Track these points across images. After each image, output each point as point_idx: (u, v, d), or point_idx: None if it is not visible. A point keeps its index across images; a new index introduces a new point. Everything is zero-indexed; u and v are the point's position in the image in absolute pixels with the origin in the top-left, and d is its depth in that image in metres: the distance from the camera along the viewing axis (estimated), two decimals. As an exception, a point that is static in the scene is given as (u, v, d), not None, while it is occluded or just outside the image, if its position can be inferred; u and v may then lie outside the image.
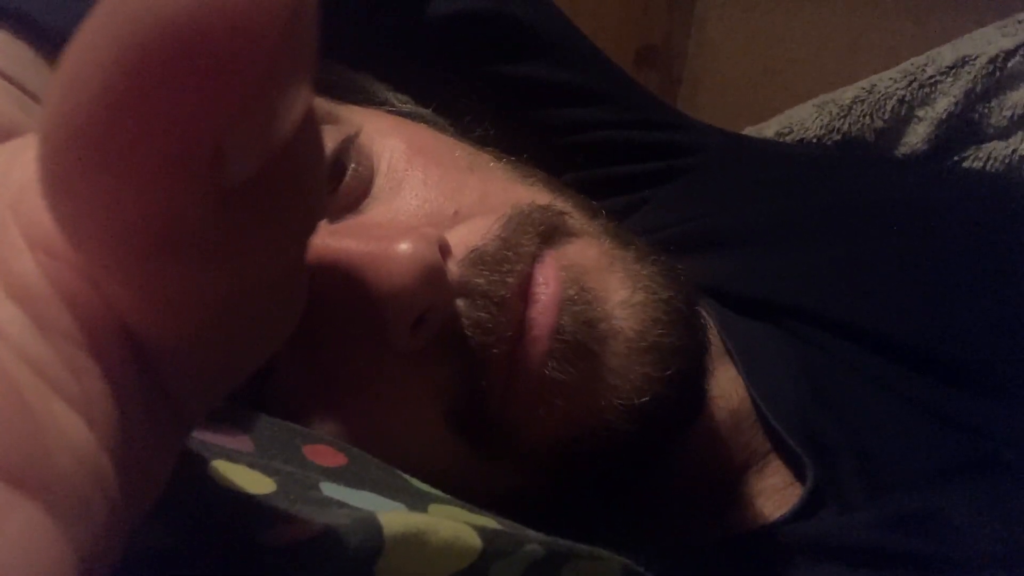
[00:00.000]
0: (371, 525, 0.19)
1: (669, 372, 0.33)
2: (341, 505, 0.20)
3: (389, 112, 0.41)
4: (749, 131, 0.70)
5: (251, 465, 0.23)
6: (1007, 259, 0.44)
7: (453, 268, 0.32)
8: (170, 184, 0.13)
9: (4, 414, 0.13)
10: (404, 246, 0.30)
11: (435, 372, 0.32)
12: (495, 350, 0.31)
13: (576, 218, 0.37)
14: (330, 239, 0.32)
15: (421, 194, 0.35)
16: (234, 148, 0.13)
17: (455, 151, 0.39)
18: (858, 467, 0.38)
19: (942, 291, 0.43)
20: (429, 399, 0.32)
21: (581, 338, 0.32)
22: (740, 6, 1.02)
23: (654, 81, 0.96)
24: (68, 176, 0.13)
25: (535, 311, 0.32)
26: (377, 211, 0.35)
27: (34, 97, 0.32)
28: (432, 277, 0.30)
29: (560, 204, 0.37)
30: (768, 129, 0.68)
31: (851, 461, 0.38)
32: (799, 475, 0.38)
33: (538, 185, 0.38)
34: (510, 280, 0.32)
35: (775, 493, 0.39)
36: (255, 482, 0.22)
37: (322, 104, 0.38)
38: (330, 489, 0.23)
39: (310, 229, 0.16)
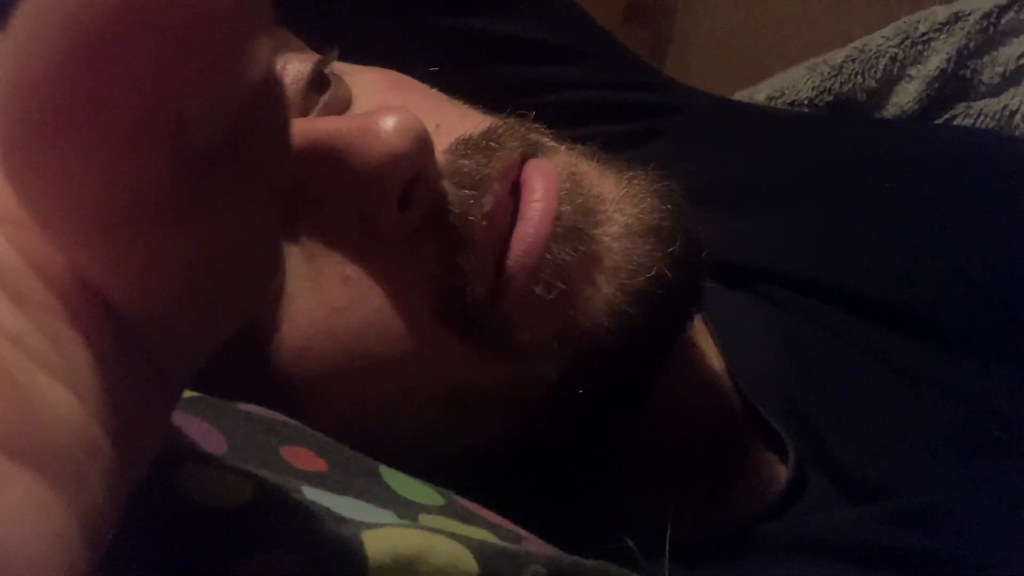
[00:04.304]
0: (354, 554, 0.17)
1: (671, 250, 0.33)
2: (327, 511, 0.19)
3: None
4: (741, 95, 0.68)
5: (225, 468, 0.21)
6: (999, 218, 0.43)
7: (439, 155, 0.31)
8: (131, 154, 0.13)
9: None
10: (389, 117, 0.29)
11: (421, 257, 0.31)
12: (478, 227, 0.31)
13: (557, 141, 0.36)
14: (311, 123, 0.31)
15: None
16: (195, 114, 0.13)
17: (431, 89, 0.38)
18: (849, 437, 0.37)
19: (932, 253, 0.42)
20: (416, 286, 0.31)
21: (581, 225, 0.32)
22: None
23: (643, 39, 0.94)
24: (24, 149, 0.13)
25: (534, 198, 0.31)
26: None
27: None
28: (418, 143, 0.30)
29: (541, 128, 0.36)
30: (759, 93, 0.67)
31: (840, 431, 0.37)
32: (783, 452, 0.37)
33: (516, 116, 0.37)
34: (494, 162, 0.32)
35: (764, 471, 0.38)
36: (231, 489, 0.20)
37: (290, 36, 0.37)
38: (312, 494, 0.22)
39: (279, 190, 0.16)
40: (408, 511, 0.22)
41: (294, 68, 0.34)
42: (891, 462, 0.36)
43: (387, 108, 0.30)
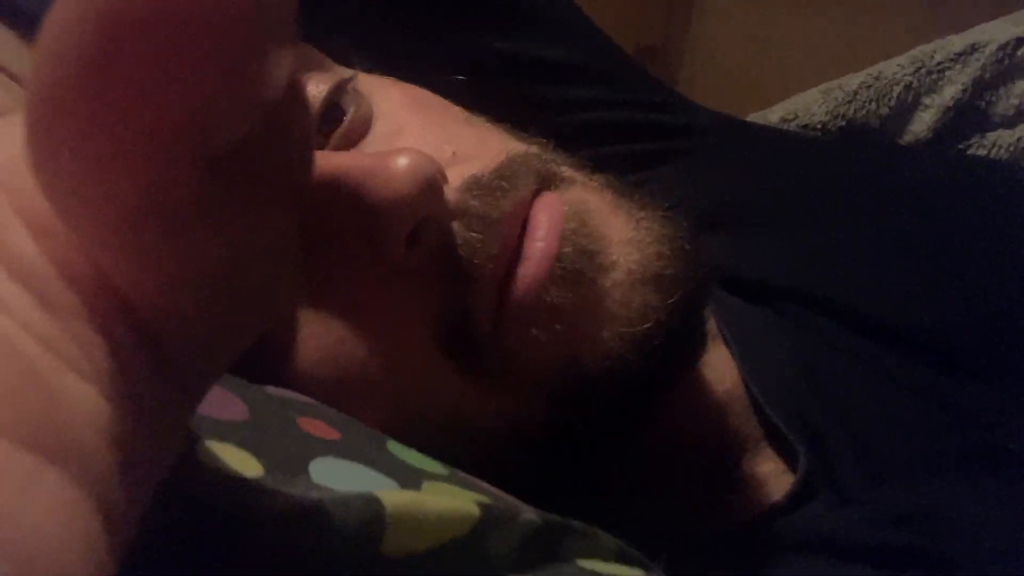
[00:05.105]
0: (370, 499, 0.19)
1: (671, 300, 0.33)
2: (330, 493, 0.20)
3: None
4: (753, 117, 0.69)
5: (240, 444, 0.22)
6: (1012, 246, 0.44)
7: (449, 193, 0.32)
8: (158, 153, 0.13)
9: (22, 388, 0.13)
10: (402, 159, 0.30)
11: (427, 292, 0.32)
12: (483, 270, 0.31)
13: (575, 170, 0.37)
14: (326, 158, 0.32)
15: (420, 136, 0.35)
16: (221, 115, 0.13)
17: (452, 108, 0.39)
18: (854, 454, 0.37)
19: (945, 277, 0.43)
20: (421, 319, 0.32)
21: (582, 267, 0.32)
22: (739, 7, 1.01)
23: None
24: (54, 147, 0.13)
25: (536, 238, 0.32)
26: (374, 148, 0.35)
27: (15, 78, 0.31)
28: (429, 186, 0.30)
29: (558, 157, 0.37)
30: (772, 115, 0.68)
31: (847, 448, 0.37)
32: (792, 463, 0.38)
33: (535, 143, 0.38)
34: (504, 204, 0.32)
35: (768, 480, 0.39)
36: (243, 463, 0.22)
37: (314, 53, 0.38)
38: (321, 467, 0.23)
39: (297, 192, 0.16)
40: (414, 477, 0.24)
41: (311, 90, 0.35)
42: (895, 477, 0.36)
43: (401, 149, 0.31)
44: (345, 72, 0.37)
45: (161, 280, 0.15)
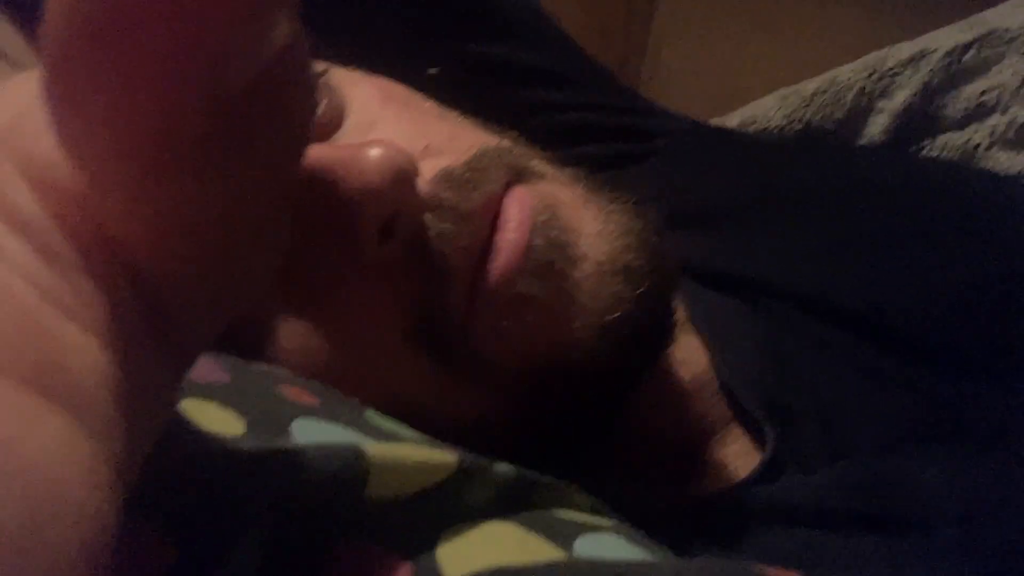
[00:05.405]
0: (351, 446, 0.19)
1: (639, 291, 0.34)
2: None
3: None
4: (712, 123, 0.71)
5: (223, 403, 0.23)
6: (966, 239, 0.45)
7: (422, 185, 0.32)
8: (171, 86, 0.13)
9: (23, 333, 0.14)
10: (374, 150, 0.30)
11: (400, 284, 0.32)
12: (456, 261, 0.32)
13: (547, 164, 0.37)
14: None
15: (393, 129, 0.35)
16: (232, 52, 0.13)
17: (425, 102, 0.39)
18: (821, 435, 0.38)
19: (907, 268, 0.44)
20: (394, 312, 0.32)
21: (552, 259, 0.33)
22: (695, 34, 1.03)
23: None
24: (73, 81, 0.13)
25: (507, 230, 0.32)
26: (347, 141, 0.35)
27: (12, 62, 0.32)
28: (401, 179, 0.30)
29: (530, 151, 0.37)
30: (731, 121, 0.69)
31: (814, 430, 0.39)
32: (760, 443, 0.39)
33: (507, 137, 0.38)
34: (476, 197, 0.32)
35: (736, 460, 0.39)
36: (226, 421, 0.22)
37: None
38: (303, 427, 0.24)
39: (299, 150, 0.17)
40: (391, 438, 0.24)
41: None
42: (858, 453, 0.38)
43: (374, 141, 0.31)
44: (318, 66, 0.38)
45: (162, 229, 0.15)
